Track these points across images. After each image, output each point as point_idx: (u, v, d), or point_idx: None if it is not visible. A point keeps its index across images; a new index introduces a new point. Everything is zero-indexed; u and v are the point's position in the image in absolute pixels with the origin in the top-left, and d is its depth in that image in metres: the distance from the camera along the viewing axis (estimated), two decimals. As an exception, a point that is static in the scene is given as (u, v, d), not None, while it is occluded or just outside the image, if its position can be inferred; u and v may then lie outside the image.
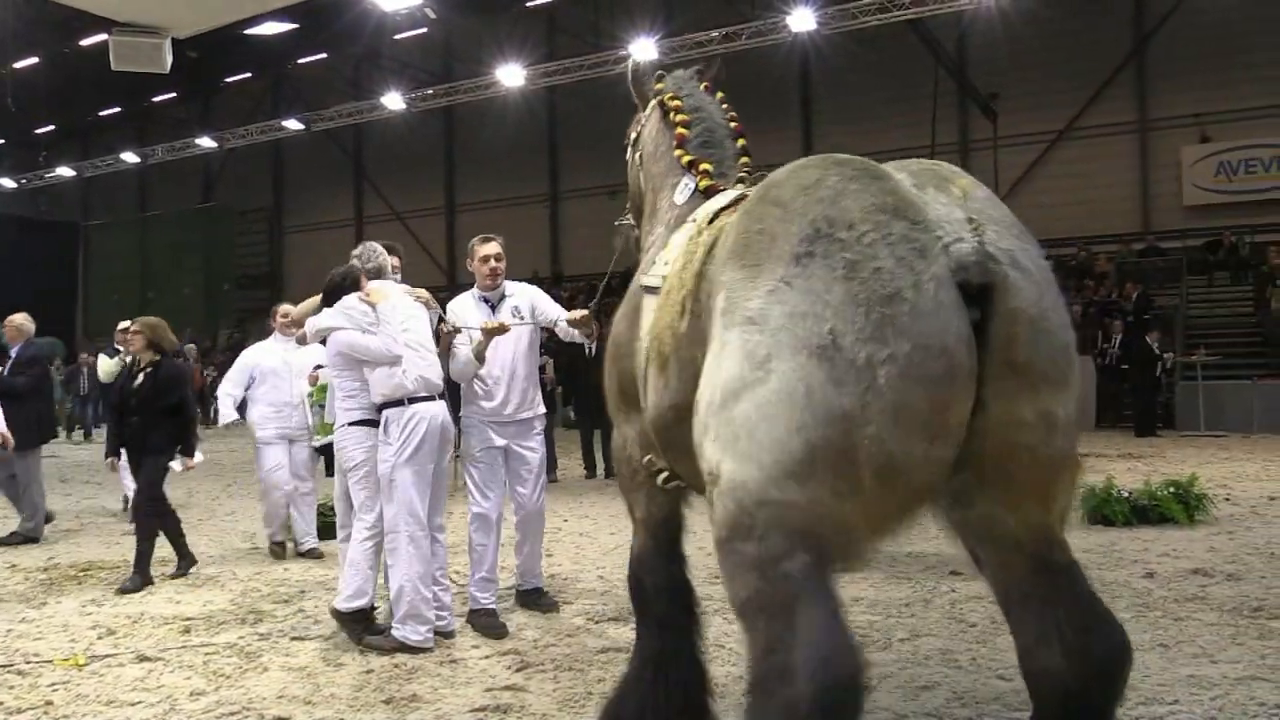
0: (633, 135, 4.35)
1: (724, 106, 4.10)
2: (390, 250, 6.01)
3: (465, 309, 5.99)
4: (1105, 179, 25.39)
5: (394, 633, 5.20)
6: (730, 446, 2.47)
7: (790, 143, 27.32)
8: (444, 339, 5.76)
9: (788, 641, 2.42)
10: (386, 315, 5.39)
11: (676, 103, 4.06)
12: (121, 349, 8.17)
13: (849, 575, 5.99)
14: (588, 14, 27.35)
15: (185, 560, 7.33)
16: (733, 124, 4.04)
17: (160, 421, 7.18)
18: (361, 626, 5.33)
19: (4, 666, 5.16)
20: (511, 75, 25.94)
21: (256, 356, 8.25)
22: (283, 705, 4.52)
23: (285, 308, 8.39)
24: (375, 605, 5.52)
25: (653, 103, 4.21)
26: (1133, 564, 7.04)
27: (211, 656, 5.27)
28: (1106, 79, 25.17)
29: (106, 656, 5.25)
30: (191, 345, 23.63)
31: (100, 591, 6.84)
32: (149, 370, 7.25)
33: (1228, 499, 9.78)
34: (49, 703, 4.61)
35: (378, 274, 5.67)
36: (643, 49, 22.61)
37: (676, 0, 28.06)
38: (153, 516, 7.06)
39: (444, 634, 5.47)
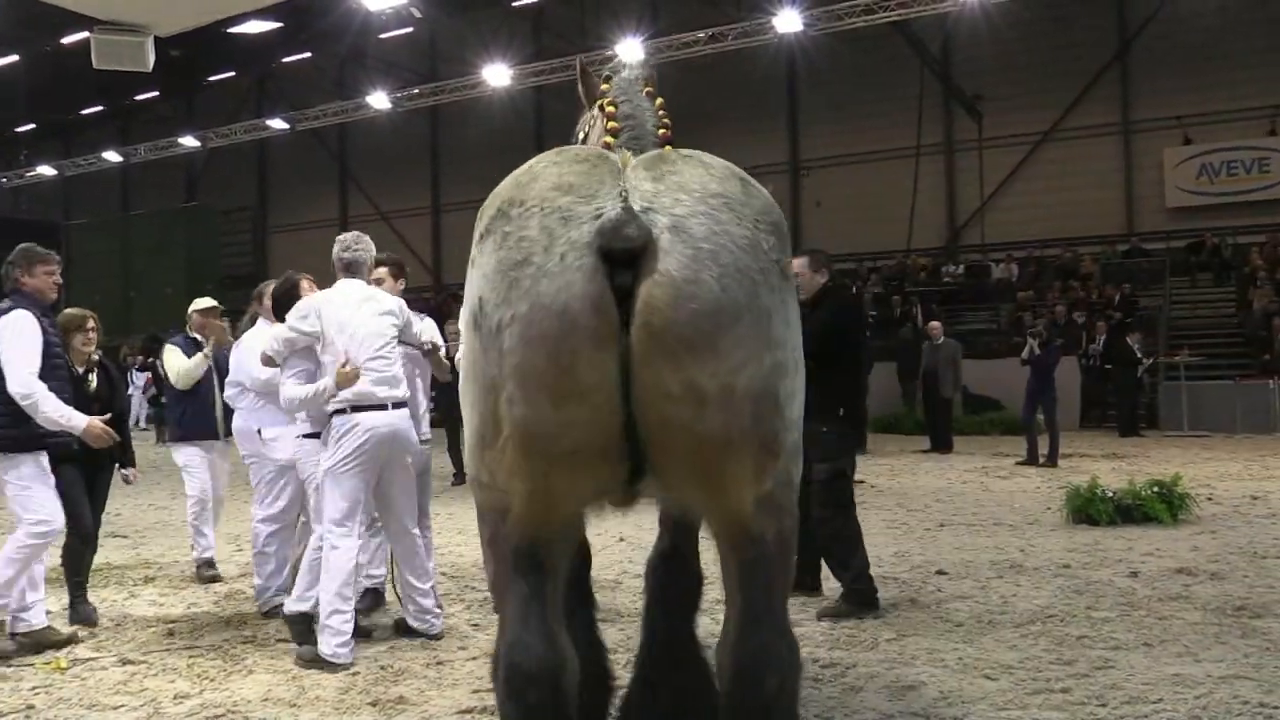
0: (580, 135, 4.33)
1: (660, 113, 4.05)
2: (392, 264, 6.02)
3: None
4: (1089, 180, 25.49)
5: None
6: None
7: (777, 143, 27.40)
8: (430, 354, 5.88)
9: (500, 625, 2.64)
10: (328, 327, 5.29)
11: (611, 109, 4.02)
12: (200, 336, 7.35)
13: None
14: (574, 14, 27.33)
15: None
16: (660, 131, 3.97)
17: None
18: (303, 628, 5.24)
19: (-15, 670, 5.11)
20: (497, 75, 25.89)
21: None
22: (268, 708, 4.49)
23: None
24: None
25: (596, 106, 4.19)
26: (1117, 563, 7.07)
27: (196, 659, 5.23)
28: (1090, 81, 25.29)
29: (89, 659, 5.21)
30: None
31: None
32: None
33: (1211, 498, 9.85)
34: (30, 706, 4.57)
35: (348, 267, 5.48)
36: (629, 49, 22.59)
37: (663, 1, 28.10)
38: None
39: (431, 636, 5.45)
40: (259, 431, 6.27)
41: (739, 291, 2.42)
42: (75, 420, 5.38)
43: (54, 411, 5.29)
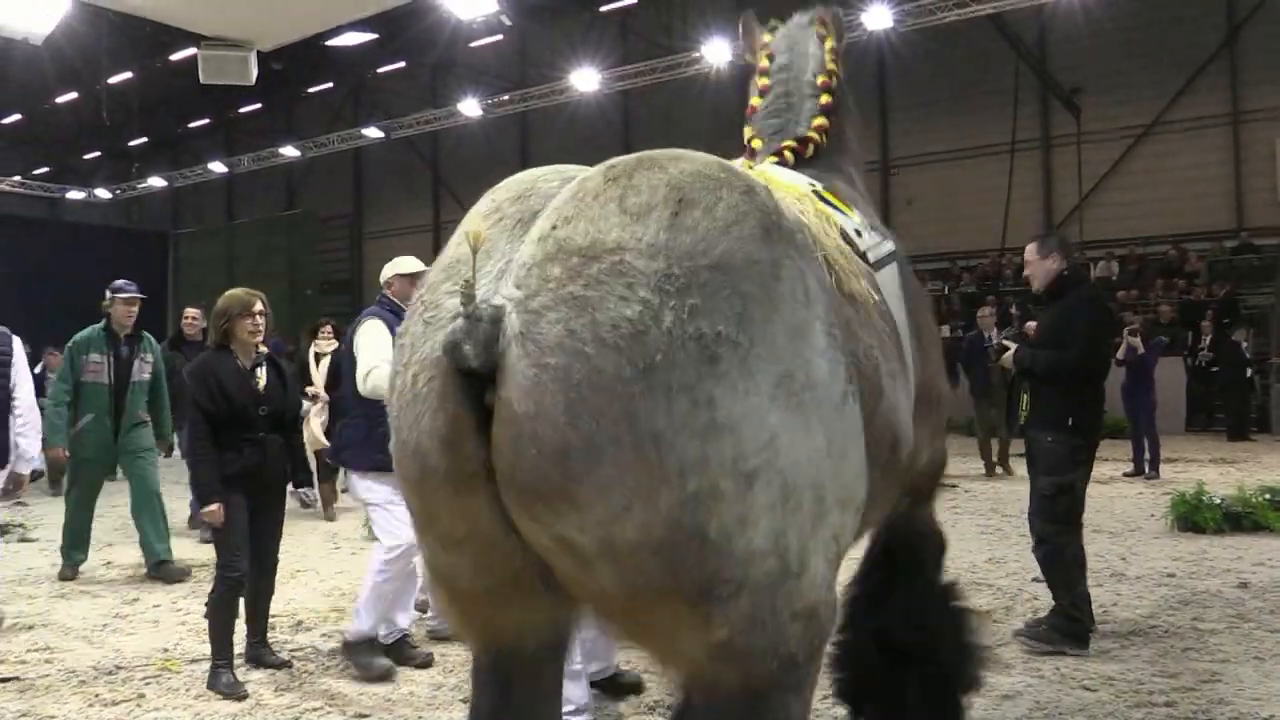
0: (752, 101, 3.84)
1: (829, 54, 3.55)
2: None
3: None
4: (1196, 174, 24.54)
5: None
6: None
7: (866, 142, 27.03)
8: None
9: None
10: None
11: (765, 63, 3.58)
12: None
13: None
14: (661, 17, 27.37)
15: None
16: (821, 79, 3.52)
17: None
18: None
19: (98, 663, 5.34)
20: (585, 79, 26.07)
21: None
22: (363, 703, 4.60)
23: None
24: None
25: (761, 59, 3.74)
26: (1225, 573, 6.81)
27: (294, 655, 5.39)
28: (1196, 70, 24.35)
29: (198, 658, 5.40)
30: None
31: (190, 589, 7.03)
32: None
33: (1327, 506, 9.40)
34: (141, 695, 4.76)
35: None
36: (716, 51, 22.55)
37: (750, 1, 27.94)
38: None
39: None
40: None
41: (597, 421, 1.78)
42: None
43: None
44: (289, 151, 32.05)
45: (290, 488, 5.31)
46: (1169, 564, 7.15)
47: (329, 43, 25.31)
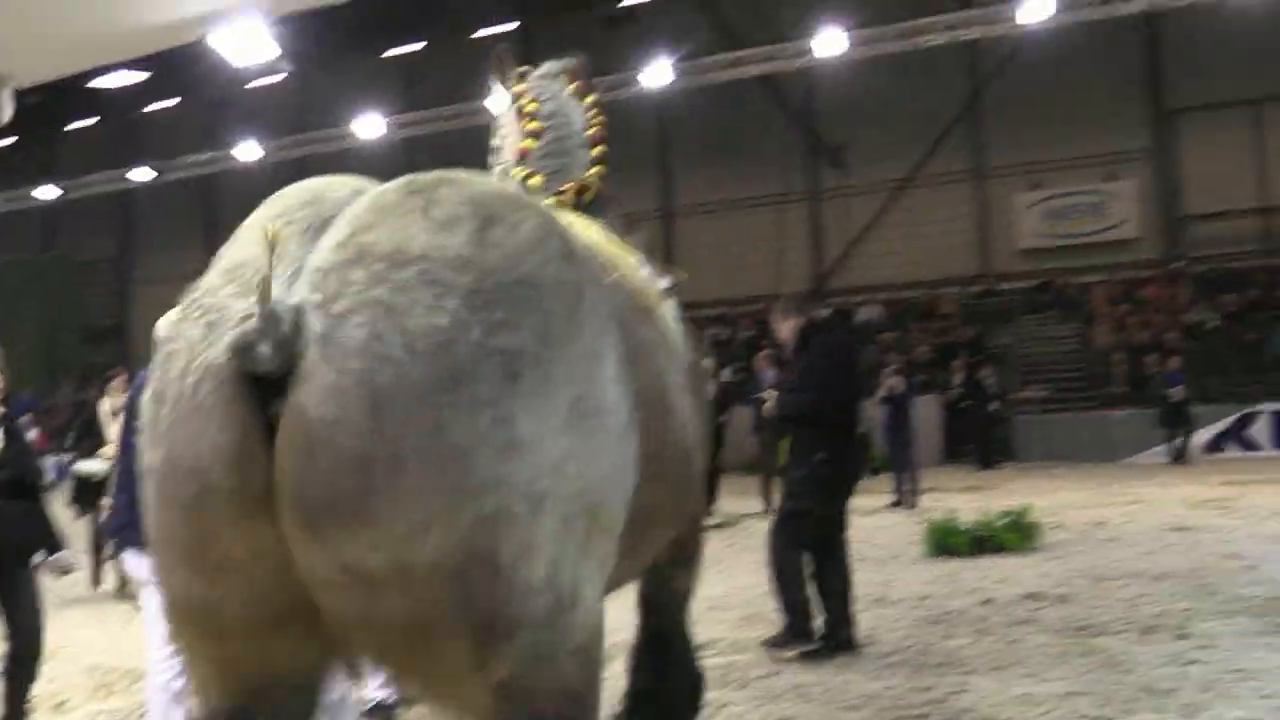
0: (495, 141, 3.90)
1: (591, 111, 3.69)
2: None
3: None
4: (947, 225, 26.87)
5: None
6: None
7: (649, 190, 27.96)
8: None
9: None
10: None
11: (533, 108, 3.62)
12: None
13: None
14: (449, 66, 27.51)
15: None
16: (591, 131, 3.66)
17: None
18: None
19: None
20: (368, 126, 25.79)
21: None
22: None
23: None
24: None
25: (511, 107, 3.77)
26: (971, 592, 7.53)
27: None
28: (944, 130, 26.72)
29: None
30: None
31: None
32: None
33: (1059, 526, 10.48)
34: None
35: None
36: (497, 101, 22.69)
37: (535, 54, 28.53)
38: None
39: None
40: None
41: (405, 427, 1.71)
42: None
43: None
44: (47, 191, 29.98)
45: (42, 557, 4.85)
46: (924, 587, 7.84)
47: (92, 84, 23.97)
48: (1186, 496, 12.55)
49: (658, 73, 21.18)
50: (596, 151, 3.66)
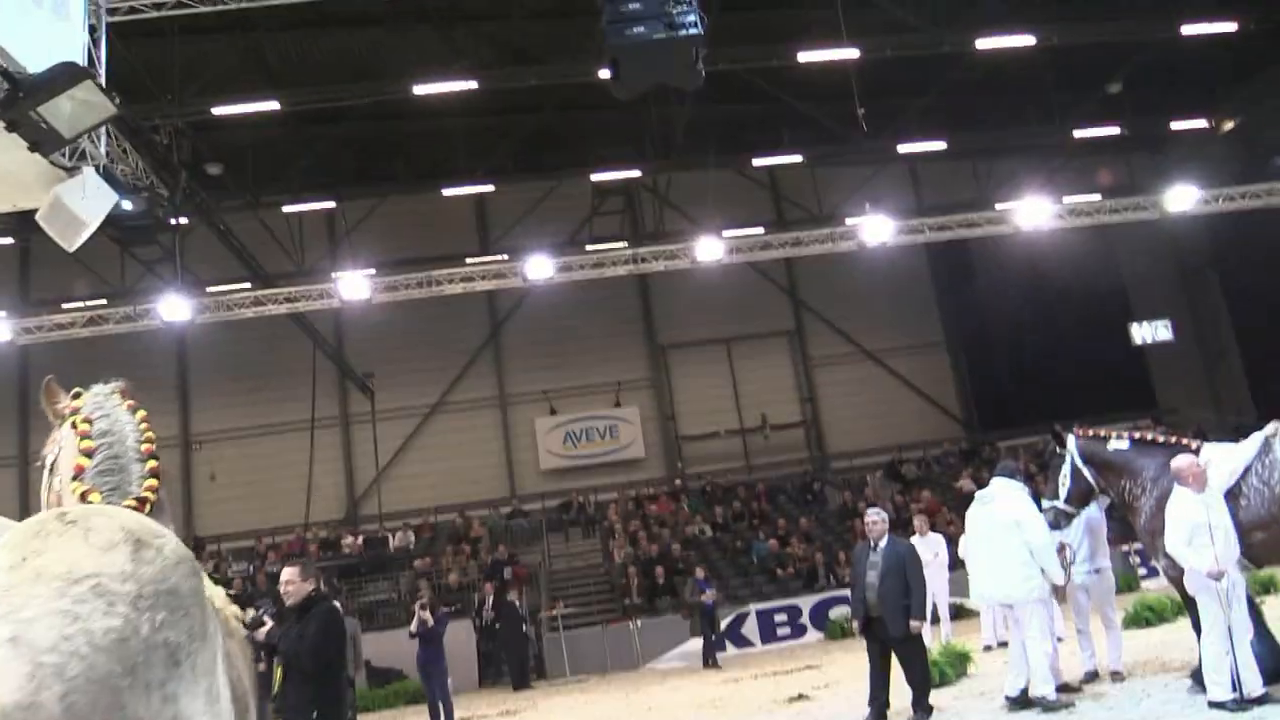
0: (49, 459, 4.00)
1: (142, 425, 3.90)
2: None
3: None
4: (476, 448, 28.14)
5: None
6: None
7: (166, 417, 26.32)
8: None
9: None
10: None
11: (85, 426, 3.79)
12: None
13: None
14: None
15: None
16: (145, 444, 3.84)
17: None
18: None
19: None
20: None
21: None
22: None
23: None
24: None
25: (66, 424, 3.91)
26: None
27: None
28: (469, 360, 28.35)
29: None
30: None
31: None
32: None
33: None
34: None
35: None
36: (10, 327, 20.43)
37: (35, 280, 26.45)
38: None
39: None
40: None
41: (89, 709, 2.08)
42: None
43: None
44: None
45: None
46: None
47: None
48: (693, 698, 13.72)
49: (175, 308, 20.19)
50: (153, 465, 3.91)
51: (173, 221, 17.56)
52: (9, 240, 25.03)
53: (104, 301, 22.71)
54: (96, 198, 7.81)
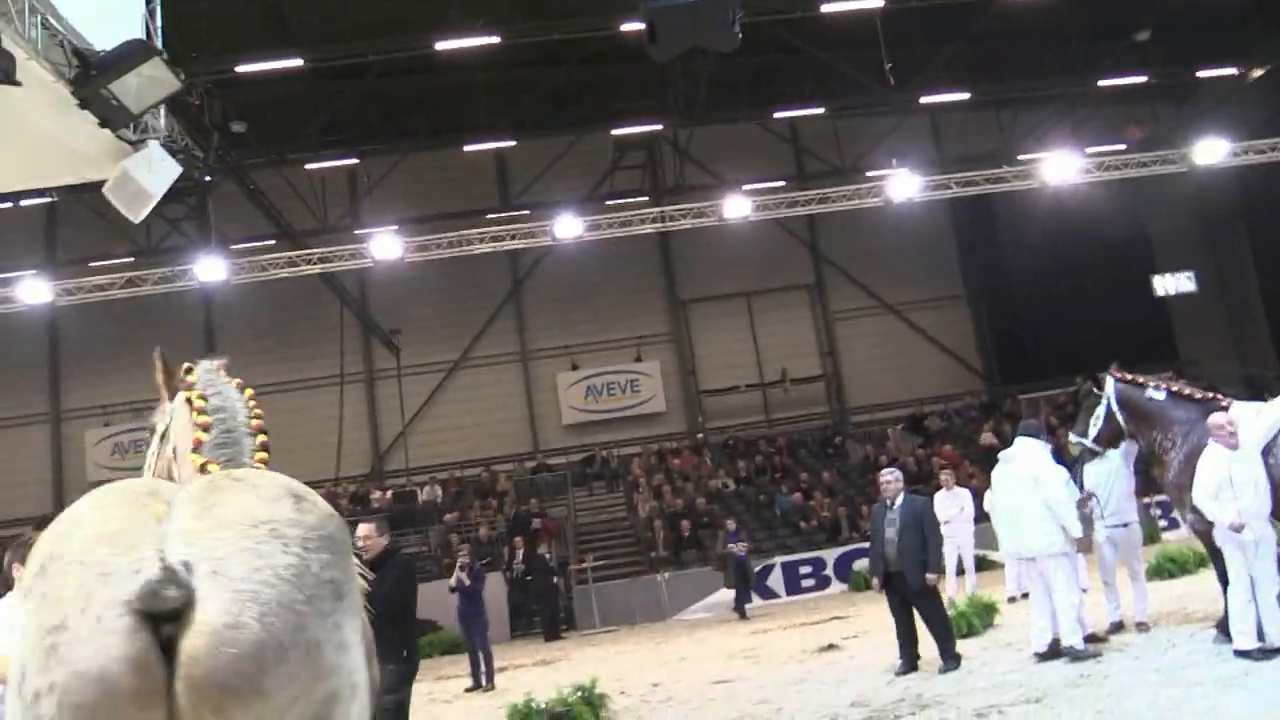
0: (160, 427, 4.18)
1: (250, 402, 4.07)
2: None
3: None
4: (498, 404, 28.44)
5: None
6: None
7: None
8: None
9: None
10: None
11: (201, 403, 3.97)
12: None
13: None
14: None
15: None
16: (254, 420, 4.01)
17: None
18: None
19: None
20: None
21: None
22: None
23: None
24: None
25: (180, 398, 4.09)
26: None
27: None
28: (490, 316, 28.54)
29: None
30: None
31: None
32: None
33: (623, 692, 11.33)
34: None
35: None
36: (33, 290, 20.67)
37: (60, 242, 26.74)
38: None
39: None
40: None
41: (282, 628, 2.44)
42: None
43: None
44: None
45: None
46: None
47: None
48: (723, 648, 14.04)
49: (211, 268, 20.47)
50: (262, 439, 4.13)
51: (206, 180, 17.73)
52: (39, 200, 25.25)
53: (133, 260, 22.94)
54: (161, 170, 8.07)
